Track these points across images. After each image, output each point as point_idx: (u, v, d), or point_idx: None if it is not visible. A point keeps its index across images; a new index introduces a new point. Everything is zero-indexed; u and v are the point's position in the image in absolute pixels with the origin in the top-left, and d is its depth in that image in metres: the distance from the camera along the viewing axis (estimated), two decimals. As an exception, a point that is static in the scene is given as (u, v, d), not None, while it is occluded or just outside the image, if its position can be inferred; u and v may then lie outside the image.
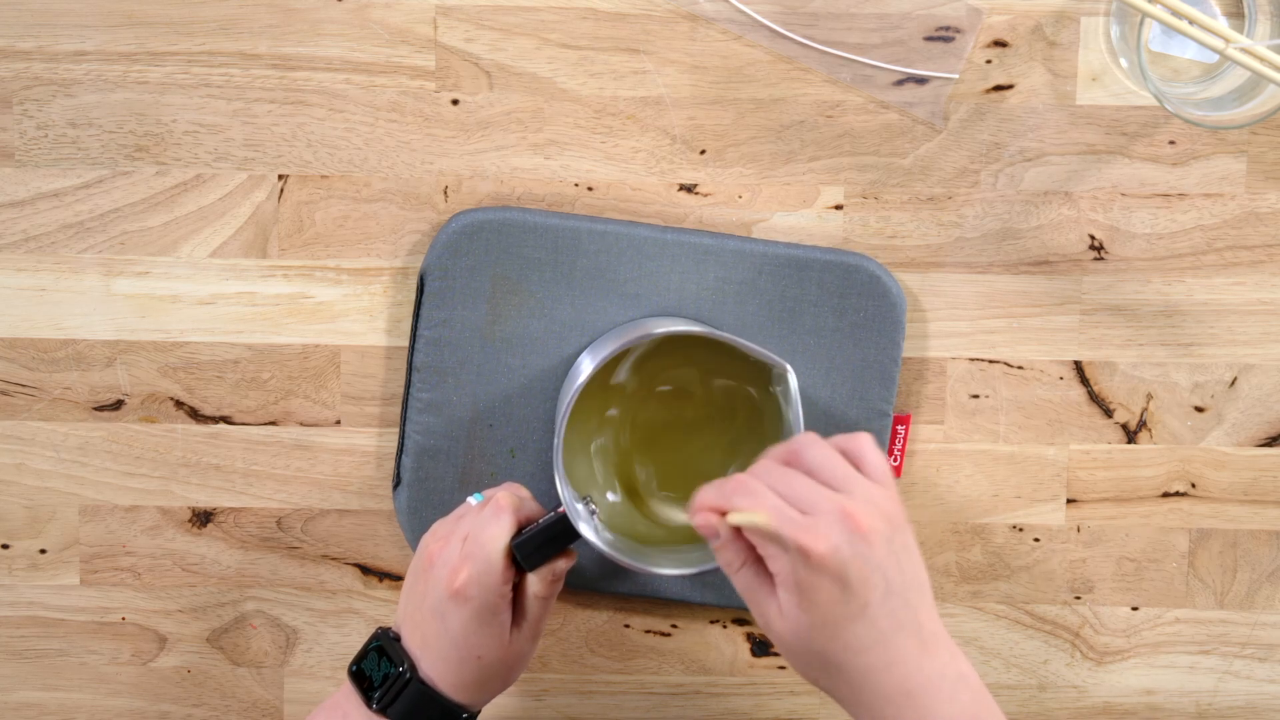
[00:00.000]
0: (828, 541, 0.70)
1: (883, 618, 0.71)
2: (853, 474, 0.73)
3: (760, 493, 0.73)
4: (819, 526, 0.71)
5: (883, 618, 0.71)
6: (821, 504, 0.71)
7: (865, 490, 0.73)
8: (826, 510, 0.71)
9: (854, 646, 0.72)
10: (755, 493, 0.73)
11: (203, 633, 0.96)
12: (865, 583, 0.71)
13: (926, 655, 0.72)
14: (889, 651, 0.72)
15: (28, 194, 0.92)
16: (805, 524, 0.71)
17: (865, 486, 0.73)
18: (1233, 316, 0.93)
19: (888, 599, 0.71)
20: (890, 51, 0.90)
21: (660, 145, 0.91)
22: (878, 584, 0.71)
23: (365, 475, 0.95)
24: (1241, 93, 0.89)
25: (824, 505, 0.71)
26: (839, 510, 0.71)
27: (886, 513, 0.72)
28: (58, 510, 0.95)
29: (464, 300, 0.90)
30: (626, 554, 0.84)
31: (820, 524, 0.71)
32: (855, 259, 0.90)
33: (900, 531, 0.73)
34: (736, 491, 0.73)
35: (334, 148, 0.92)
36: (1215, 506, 0.95)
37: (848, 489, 0.73)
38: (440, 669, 0.82)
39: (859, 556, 0.71)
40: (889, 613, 0.72)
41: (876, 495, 0.73)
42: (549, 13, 0.90)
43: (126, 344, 0.93)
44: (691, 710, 0.97)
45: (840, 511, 0.71)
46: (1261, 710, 0.97)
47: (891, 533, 0.72)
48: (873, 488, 0.73)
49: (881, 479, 0.74)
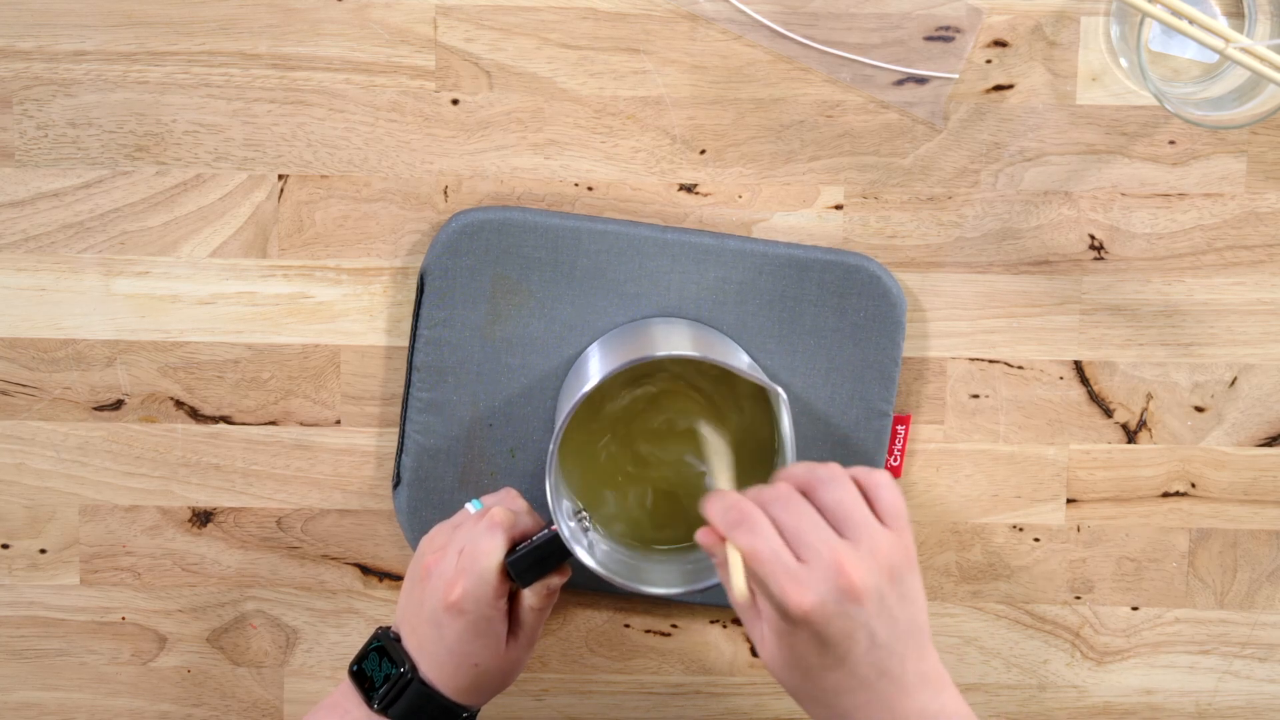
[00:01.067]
0: (811, 598, 0.69)
1: (863, 667, 0.71)
2: (864, 518, 0.72)
3: (761, 530, 0.71)
4: (806, 579, 0.70)
5: (863, 667, 0.71)
6: (820, 550, 0.70)
7: (871, 539, 0.71)
8: (823, 560, 0.70)
9: (830, 689, 0.72)
10: (755, 529, 0.71)
11: (203, 633, 0.96)
12: (847, 639, 0.70)
13: (906, 697, 0.71)
14: (869, 694, 0.71)
15: (28, 194, 0.92)
16: (795, 574, 0.70)
17: (872, 533, 0.71)
18: (1233, 316, 0.93)
19: (871, 651, 0.71)
20: (890, 51, 0.90)
21: (660, 145, 0.92)
22: (860, 640, 0.70)
23: (365, 475, 0.95)
24: (1241, 93, 0.89)
25: (822, 552, 0.70)
26: (833, 564, 0.70)
27: (889, 563, 0.71)
28: (58, 510, 0.95)
29: (464, 300, 0.90)
30: (622, 567, 0.84)
31: (811, 576, 0.70)
32: (855, 259, 0.90)
33: (900, 582, 0.71)
34: (739, 524, 0.72)
35: (334, 148, 0.92)
36: (1215, 506, 0.95)
37: (854, 534, 0.71)
38: (438, 673, 0.82)
39: (843, 615, 0.70)
40: (871, 663, 0.71)
41: (883, 543, 0.71)
42: (549, 13, 0.90)
43: (126, 344, 0.93)
44: (691, 710, 0.97)
45: (835, 564, 0.70)
46: (1261, 710, 0.97)
47: (889, 586, 0.71)
48: (881, 534, 0.71)
49: (894, 522, 0.73)
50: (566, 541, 0.82)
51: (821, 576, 0.70)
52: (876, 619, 0.70)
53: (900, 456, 0.93)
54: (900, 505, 0.73)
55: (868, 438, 0.91)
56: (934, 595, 0.96)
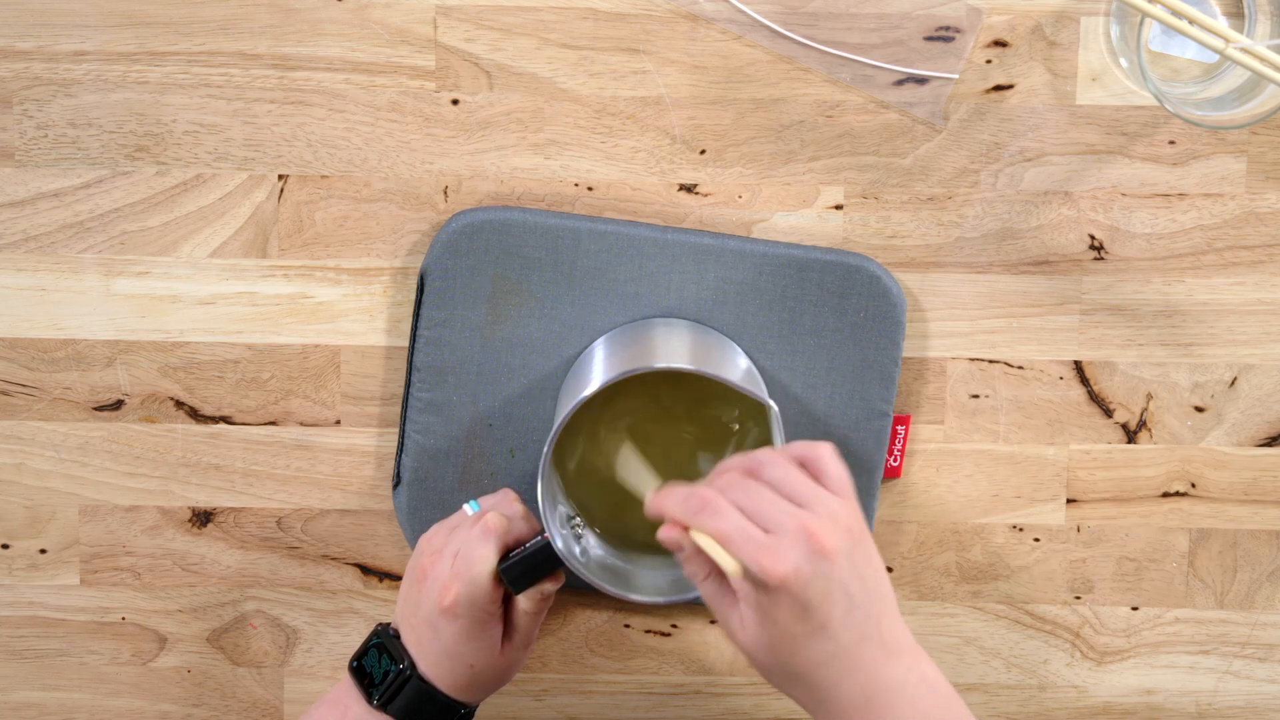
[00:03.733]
0: (788, 563, 0.70)
1: (844, 631, 0.72)
2: (814, 488, 0.73)
3: (723, 510, 0.72)
4: (780, 547, 0.70)
5: (844, 631, 0.72)
6: (784, 521, 0.71)
7: (827, 505, 0.72)
8: (789, 529, 0.71)
9: (815, 660, 0.72)
10: (719, 511, 0.72)
11: (203, 633, 0.96)
12: (826, 600, 0.71)
13: (889, 662, 0.72)
14: (851, 661, 0.72)
15: (28, 194, 0.92)
16: (766, 544, 0.71)
17: (826, 501, 0.73)
18: (1233, 316, 0.93)
19: (850, 613, 0.71)
20: (890, 51, 0.90)
21: (660, 145, 0.91)
22: (839, 600, 0.71)
23: (365, 475, 0.95)
24: (1241, 93, 0.89)
25: (787, 523, 0.71)
26: (801, 529, 0.71)
27: (848, 527, 0.72)
28: (58, 510, 0.95)
29: (464, 300, 0.90)
30: (614, 574, 0.84)
31: (781, 544, 0.71)
32: (855, 259, 0.90)
33: (861, 544, 0.73)
34: (701, 510, 0.73)
35: (334, 148, 0.92)
36: (1215, 506, 0.95)
37: (809, 504, 0.72)
38: (435, 672, 0.83)
39: (820, 575, 0.71)
40: (851, 625, 0.72)
41: (838, 509, 0.72)
42: (549, 13, 0.90)
43: (126, 344, 0.93)
44: (691, 710, 0.97)
45: (803, 530, 0.71)
46: (1261, 710, 0.97)
47: (853, 547, 0.72)
48: (833, 501, 0.73)
49: (841, 490, 0.74)
50: (559, 552, 0.82)
51: (791, 542, 0.71)
52: (849, 577, 0.71)
53: (900, 456, 0.93)
54: (845, 475, 0.75)
55: (868, 438, 0.91)
56: (934, 595, 0.96)
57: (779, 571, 0.70)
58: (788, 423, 0.90)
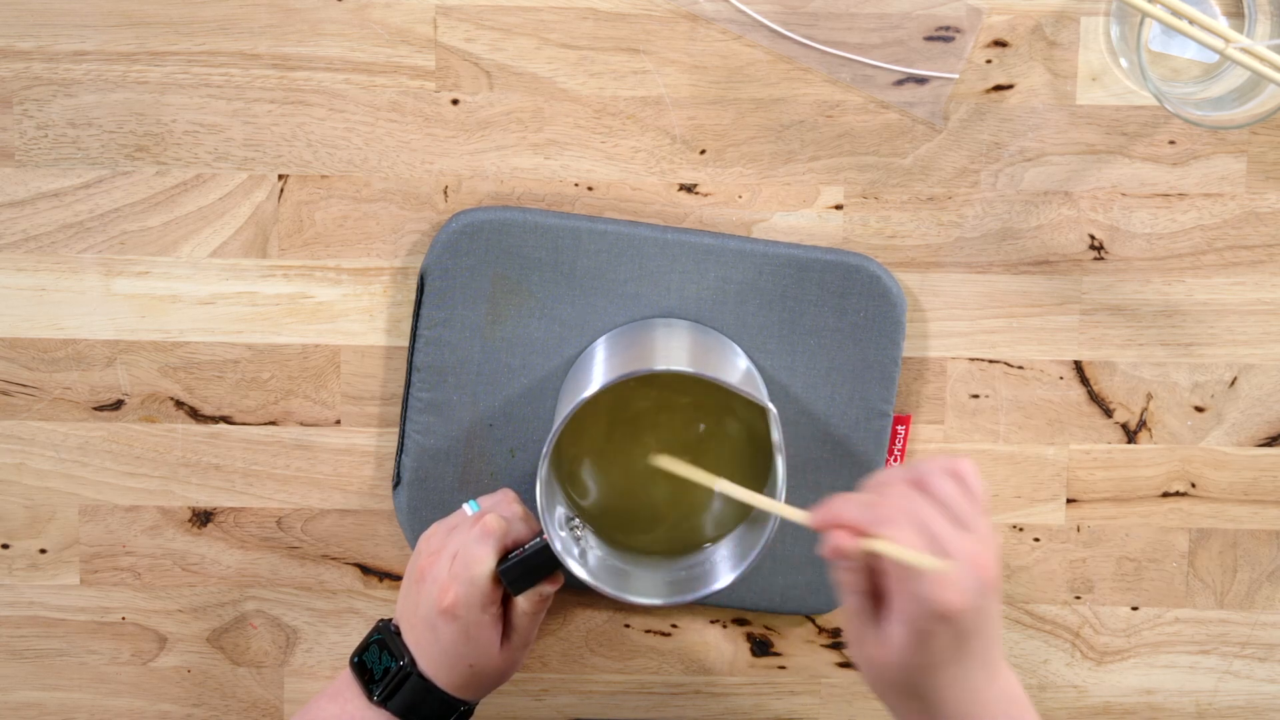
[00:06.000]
0: (964, 595, 0.71)
1: (977, 656, 0.73)
2: (972, 510, 0.73)
3: (904, 525, 0.72)
4: (955, 579, 0.71)
5: (977, 656, 0.73)
6: (958, 548, 0.71)
7: (985, 529, 0.73)
8: (963, 556, 0.71)
9: (944, 682, 0.73)
10: (904, 527, 0.72)
11: (203, 633, 0.96)
12: (979, 632, 0.72)
13: (992, 682, 0.74)
14: (967, 682, 0.73)
15: (28, 194, 0.92)
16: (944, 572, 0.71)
17: (983, 524, 0.73)
18: (1233, 316, 0.93)
19: (989, 638, 0.73)
20: (890, 51, 0.90)
21: (660, 145, 0.92)
22: (986, 630, 0.72)
23: (365, 475, 0.95)
24: (1241, 93, 0.89)
25: (960, 550, 0.71)
26: (972, 559, 0.71)
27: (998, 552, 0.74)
28: (58, 510, 0.95)
29: (464, 300, 0.90)
30: (613, 576, 0.84)
31: (957, 576, 0.71)
32: (855, 259, 0.90)
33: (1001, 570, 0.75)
34: (885, 521, 0.72)
35: (334, 148, 0.92)
36: (1215, 506, 0.95)
37: (972, 526, 0.73)
38: (435, 670, 0.83)
39: (980, 609, 0.72)
40: (978, 651, 0.73)
41: (989, 532, 0.73)
42: (549, 13, 0.90)
43: (126, 344, 0.93)
44: (691, 710, 0.97)
45: (975, 561, 0.71)
46: (1261, 710, 0.97)
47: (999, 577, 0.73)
48: (985, 523, 0.74)
49: (988, 508, 0.75)
50: (558, 554, 0.82)
51: (966, 574, 0.71)
52: (996, 606, 0.73)
53: (900, 457, 0.93)
54: (987, 491, 0.75)
55: (868, 438, 0.91)
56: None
57: (955, 604, 0.70)
58: (787, 423, 0.91)
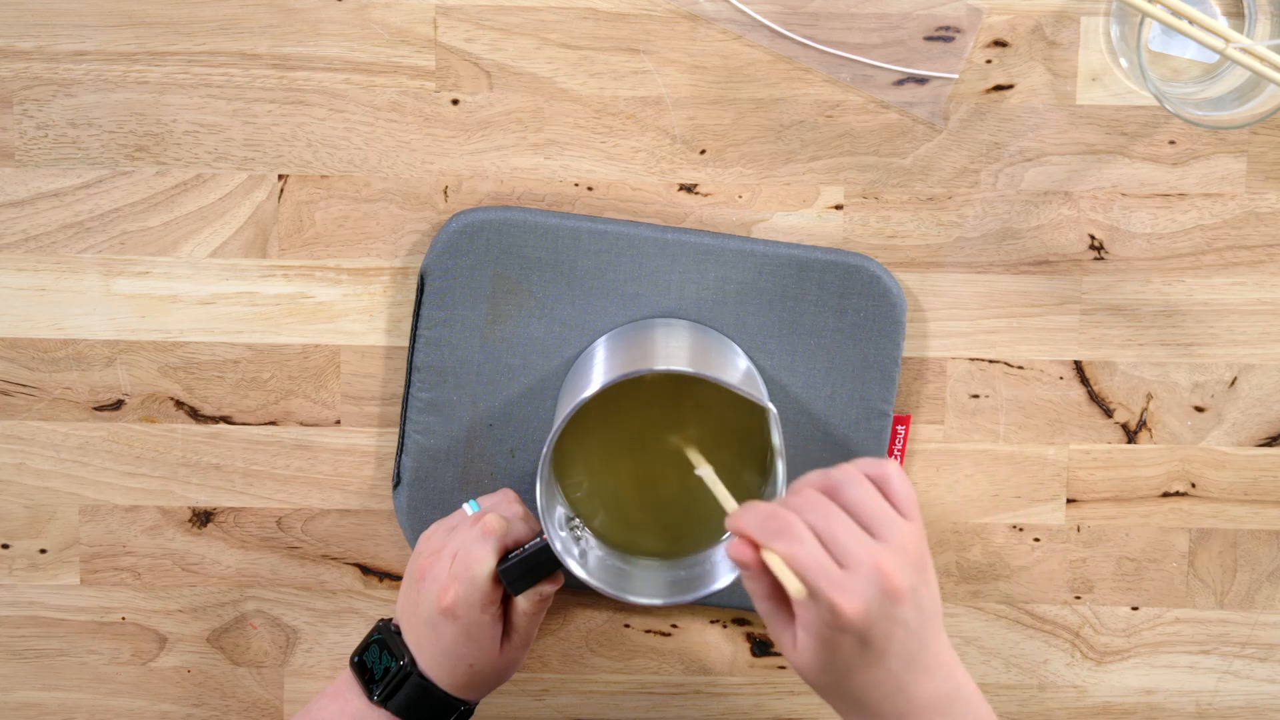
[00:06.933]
0: (860, 603, 0.70)
1: (895, 659, 0.72)
2: (890, 515, 0.73)
3: (803, 539, 0.72)
4: (853, 586, 0.71)
5: (895, 659, 0.72)
6: (860, 556, 0.71)
7: (899, 536, 0.72)
8: (864, 565, 0.71)
9: (864, 684, 0.73)
10: (798, 537, 0.72)
11: (203, 633, 0.96)
12: (886, 638, 0.72)
13: (929, 679, 0.73)
14: (896, 683, 0.73)
15: (28, 194, 0.92)
16: (840, 582, 0.71)
17: (899, 529, 0.73)
18: (1233, 316, 0.93)
19: (904, 642, 0.72)
20: (890, 51, 0.90)
21: (660, 145, 0.92)
22: (897, 635, 0.72)
23: (365, 475, 0.95)
24: (1241, 93, 0.89)
25: (862, 558, 0.71)
26: (876, 567, 0.71)
27: (916, 558, 0.73)
28: (58, 510, 0.95)
29: (464, 300, 0.90)
30: (612, 576, 0.85)
31: (855, 583, 0.71)
32: (855, 259, 0.90)
33: (924, 573, 0.73)
34: (780, 535, 0.72)
35: (334, 148, 0.92)
36: (1215, 506, 0.95)
37: (884, 532, 0.72)
38: (435, 670, 0.83)
39: (886, 617, 0.71)
40: (902, 652, 0.72)
41: (908, 538, 0.73)
42: (549, 13, 0.90)
43: (126, 344, 0.93)
44: (691, 710, 0.97)
45: (876, 569, 0.71)
46: (1261, 710, 0.97)
47: (919, 578, 0.73)
48: (905, 530, 0.73)
49: (910, 512, 0.74)
50: (558, 554, 0.82)
51: (866, 582, 0.71)
52: (910, 613, 0.72)
53: (900, 457, 0.93)
54: (913, 494, 0.75)
55: (868, 438, 0.91)
56: (934, 595, 0.96)
57: (851, 611, 0.70)
58: (787, 423, 0.91)
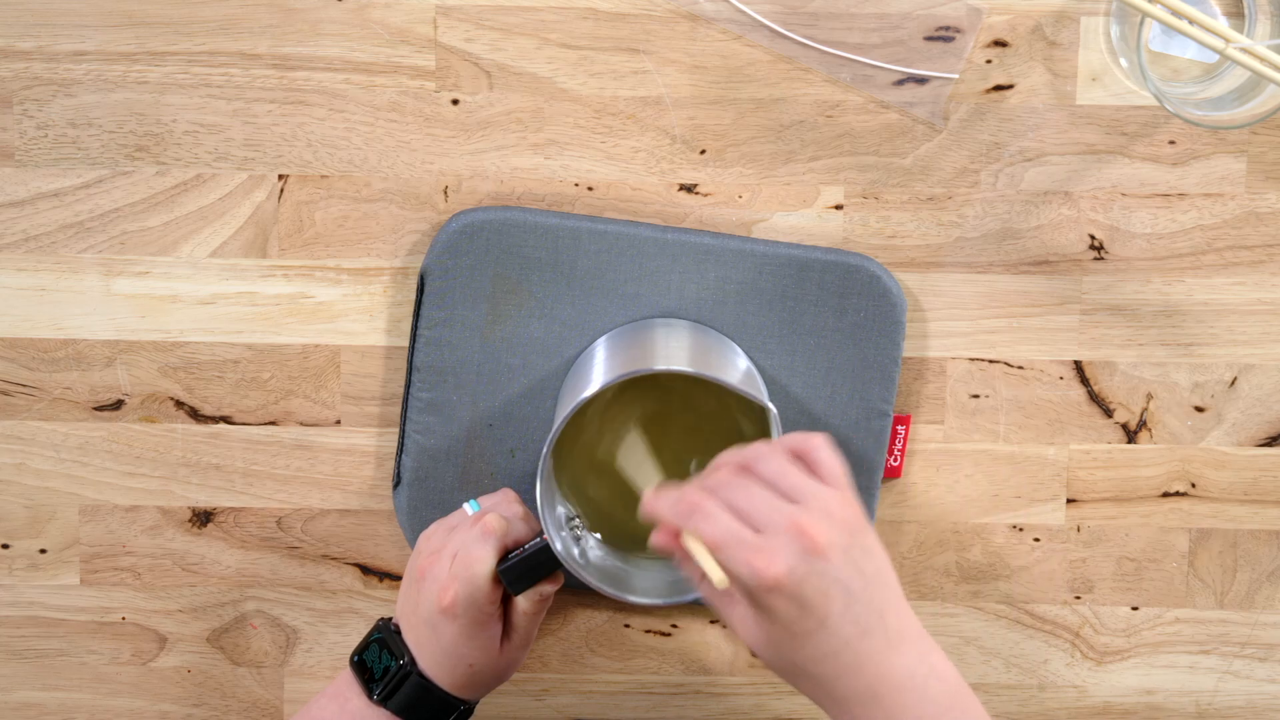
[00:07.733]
0: (780, 563, 0.69)
1: (845, 625, 0.71)
2: (807, 482, 0.72)
3: (713, 514, 0.71)
4: (771, 547, 0.70)
5: (845, 625, 0.71)
6: (776, 519, 0.70)
7: (821, 500, 0.71)
8: (780, 527, 0.70)
9: (816, 656, 0.71)
10: (709, 515, 0.71)
11: (203, 633, 0.96)
12: (824, 597, 0.70)
13: (894, 654, 0.71)
14: (855, 655, 0.71)
15: (28, 194, 0.92)
16: (757, 546, 0.70)
17: (820, 495, 0.72)
18: (1233, 316, 0.93)
19: (850, 607, 0.71)
20: (890, 51, 0.90)
21: (660, 145, 0.92)
22: (837, 596, 0.70)
23: (365, 475, 0.95)
24: (1241, 93, 0.89)
25: (778, 521, 0.70)
26: (793, 527, 0.70)
27: (843, 520, 0.71)
28: (58, 510, 0.95)
29: (464, 300, 0.90)
30: (613, 576, 0.85)
31: (772, 545, 0.70)
32: (855, 259, 0.90)
33: (859, 535, 0.72)
34: (690, 514, 0.72)
35: (334, 148, 0.92)
36: (1215, 506, 0.95)
37: (803, 498, 0.71)
38: (435, 670, 0.83)
39: (814, 574, 0.70)
40: (852, 619, 0.71)
41: (832, 503, 0.71)
42: (549, 13, 0.90)
43: (126, 344, 0.93)
44: (691, 710, 0.97)
45: (794, 527, 0.70)
46: (1261, 710, 0.97)
47: (850, 541, 0.71)
48: (828, 495, 0.72)
49: (835, 481, 0.73)
50: (558, 554, 0.82)
51: (783, 542, 0.70)
52: (846, 572, 0.70)
53: (900, 456, 0.93)
54: (839, 466, 0.74)
55: (868, 438, 0.91)
56: (934, 595, 0.96)
57: (771, 573, 0.69)
58: (787, 423, 0.91)
